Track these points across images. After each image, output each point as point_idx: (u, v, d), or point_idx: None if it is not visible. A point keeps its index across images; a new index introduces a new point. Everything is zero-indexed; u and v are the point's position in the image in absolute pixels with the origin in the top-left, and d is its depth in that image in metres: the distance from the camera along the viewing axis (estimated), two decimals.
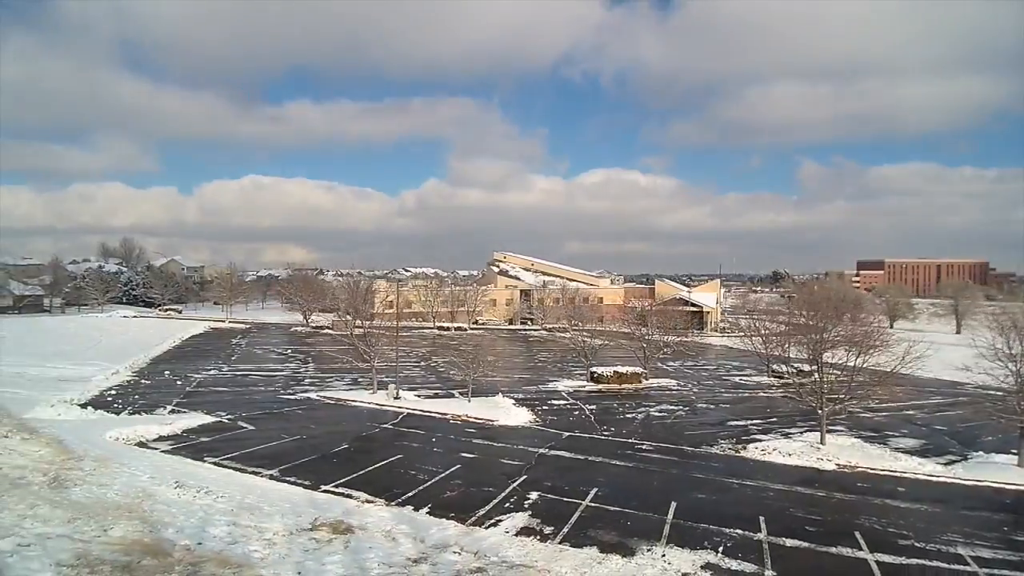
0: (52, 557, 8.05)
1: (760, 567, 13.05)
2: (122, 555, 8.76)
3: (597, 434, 24.84)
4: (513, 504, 16.36)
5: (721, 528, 15.05)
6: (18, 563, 7.57)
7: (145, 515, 11.48)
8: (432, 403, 29.88)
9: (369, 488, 17.19)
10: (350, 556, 10.85)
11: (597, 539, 13.98)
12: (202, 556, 9.51)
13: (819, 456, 21.63)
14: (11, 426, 20.27)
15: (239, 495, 15.43)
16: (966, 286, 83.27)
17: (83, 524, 10.16)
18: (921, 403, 32.75)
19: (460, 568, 10.95)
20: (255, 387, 34.23)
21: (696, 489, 18.24)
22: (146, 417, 25.46)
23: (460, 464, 20.01)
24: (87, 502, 12.34)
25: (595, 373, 36.56)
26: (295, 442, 22.51)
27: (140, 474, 16.77)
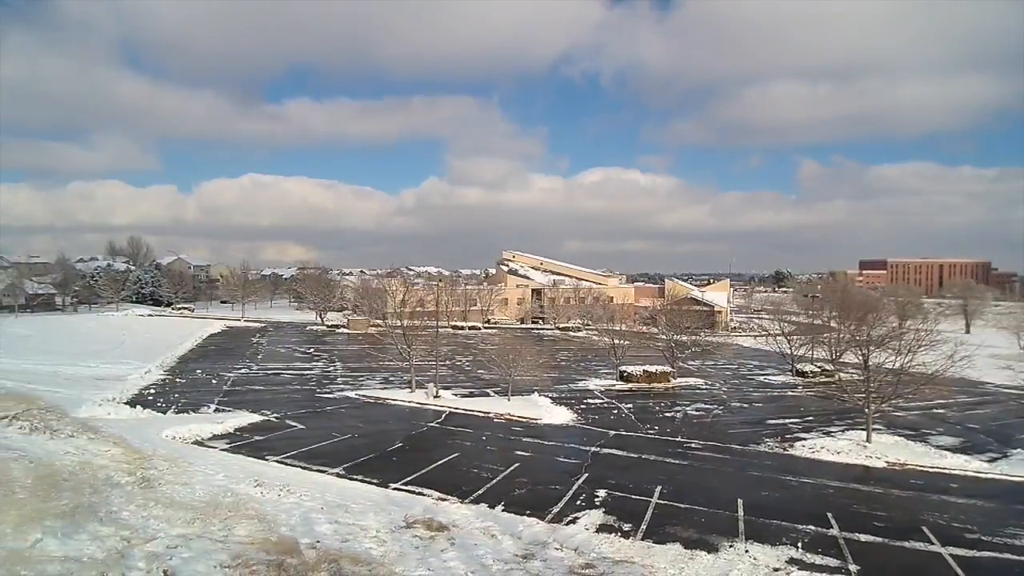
0: (210, 558, 8.28)
1: (842, 562, 13.38)
2: (264, 554, 9.01)
3: (642, 432, 25.16)
4: (584, 502, 16.66)
5: (793, 524, 15.37)
6: (184, 565, 7.79)
7: (255, 514, 11.72)
8: (471, 402, 30.14)
9: (438, 486, 17.43)
10: (463, 552, 11.13)
11: (677, 536, 14.27)
12: (331, 554, 9.76)
13: (867, 454, 21.99)
14: (74, 425, 20.54)
15: (318, 493, 15.67)
16: (973, 286, 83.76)
17: (206, 524, 10.39)
18: (948, 402, 33.14)
19: (570, 564, 11.24)
20: (290, 385, 34.43)
21: (757, 487, 18.56)
22: (195, 416, 25.63)
23: (518, 462, 20.28)
24: (188, 501, 12.58)
25: (624, 372, 36.87)
26: (348, 441, 22.76)
27: (213, 473, 16.98)
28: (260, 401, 29.37)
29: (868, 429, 23.29)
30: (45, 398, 24.66)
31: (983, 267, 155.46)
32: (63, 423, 20.53)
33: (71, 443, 17.83)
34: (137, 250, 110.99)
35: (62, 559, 6.96)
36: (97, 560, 7.11)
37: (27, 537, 7.49)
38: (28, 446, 15.94)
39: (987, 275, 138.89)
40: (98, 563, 6.98)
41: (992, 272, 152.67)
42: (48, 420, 20.19)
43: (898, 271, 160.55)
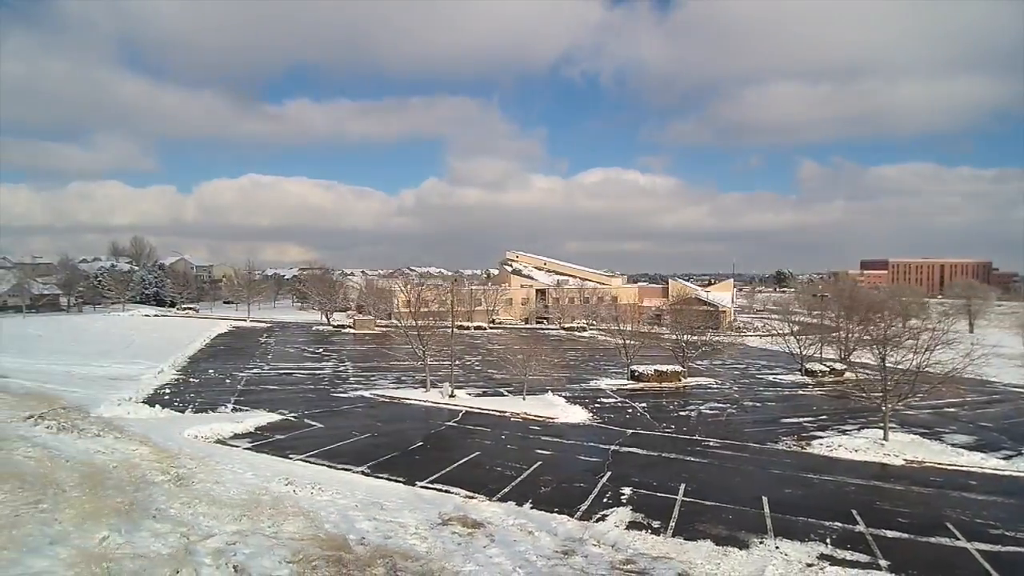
0: (272, 554, 8.41)
1: (872, 558, 13.54)
2: (319, 549, 9.15)
3: (659, 431, 25.31)
4: (610, 499, 16.80)
5: (820, 521, 15.53)
6: (249, 561, 7.89)
7: (298, 511, 11.85)
8: (486, 401, 30.28)
9: (464, 484, 17.55)
10: (505, 548, 11.27)
11: (707, 533, 14.42)
12: (381, 550, 9.89)
13: (885, 452, 22.16)
14: (99, 425, 20.66)
15: (348, 491, 15.79)
16: (976, 286, 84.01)
17: (255, 521, 10.51)
18: (959, 401, 33.27)
19: (611, 560, 11.39)
20: (304, 385, 34.55)
21: (780, 484, 18.71)
22: (214, 415, 25.75)
23: (540, 461, 20.41)
24: (228, 499, 12.70)
25: (636, 372, 37.03)
26: (368, 440, 22.89)
27: (241, 472, 17.09)
28: (276, 401, 29.48)
29: (885, 427, 23.47)
30: (65, 398, 24.79)
31: (984, 267, 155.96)
32: (87, 422, 20.66)
33: (99, 442, 17.94)
34: (140, 250, 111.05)
35: (132, 556, 7.07)
36: (165, 556, 7.23)
37: (93, 535, 7.61)
38: (60, 445, 16.06)
39: (988, 275, 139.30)
40: (168, 559, 7.10)
41: (993, 272, 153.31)
42: (73, 419, 20.32)
43: (899, 271, 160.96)
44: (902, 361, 23.51)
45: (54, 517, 7.91)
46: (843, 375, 40.52)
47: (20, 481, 9.38)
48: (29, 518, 7.55)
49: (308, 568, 7.90)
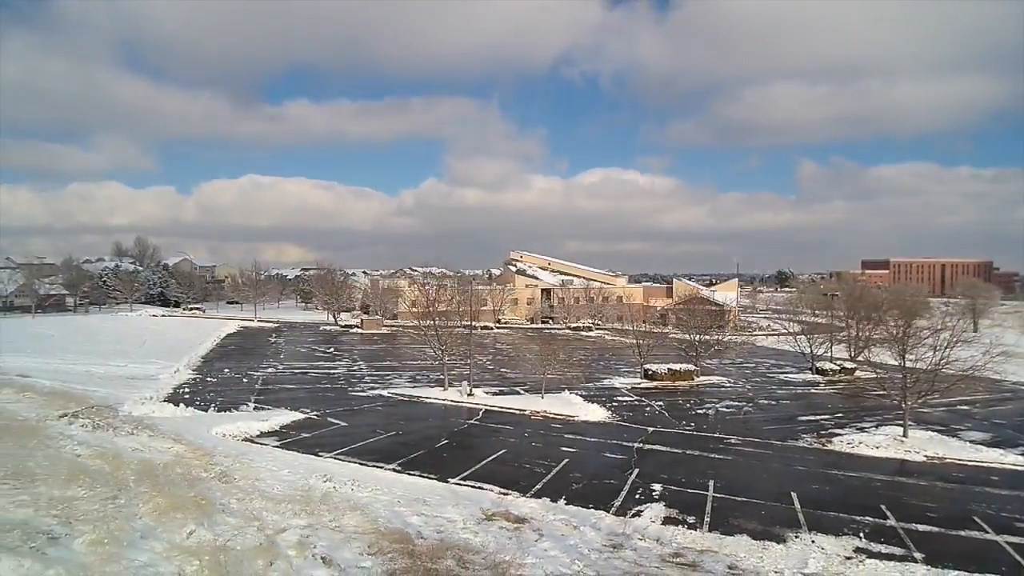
0: (348, 546, 8.62)
1: (907, 551, 13.80)
2: (387, 542, 9.36)
3: (679, 429, 25.55)
4: (642, 495, 17.03)
5: (851, 516, 15.78)
6: (333, 553, 8.09)
7: (351, 506, 12.06)
8: (504, 399, 30.49)
9: (496, 481, 17.73)
10: (556, 542, 11.49)
11: (743, 527, 14.63)
12: (445, 543, 10.12)
13: (906, 449, 22.43)
14: (131, 423, 20.88)
15: (386, 487, 15.98)
16: (980, 285, 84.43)
17: (316, 516, 10.72)
18: (971, 398, 33.56)
19: (660, 553, 11.63)
20: (320, 384, 34.75)
21: (806, 480, 18.96)
22: (237, 414, 25.93)
23: (567, 458, 20.62)
24: (280, 495, 12.91)
25: (649, 370, 37.28)
26: (394, 438, 23.08)
27: (277, 469, 17.29)
28: (296, 399, 29.68)
29: (905, 424, 23.74)
30: (91, 397, 24.98)
31: (985, 267, 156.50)
32: (119, 421, 20.89)
33: (135, 440, 18.16)
34: (144, 251, 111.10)
35: (223, 548, 7.27)
36: (253, 549, 7.43)
37: (180, 529, 7.81)
38: (100, 443, 16.27)
39: (989, 274, 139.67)
40: (257, 551, 7.29)
41: (994, 272, 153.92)
42: (105, 418, 20.56)
43: (900, 271, 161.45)
44: (921, 359, 23.72)
45: (134, 512, 8.11)
46: (853, 374, 40.88)
47: (90, 478, 9.59)
48: (115, 513, 7.75)
49: (386, 559, 8.11)
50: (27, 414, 17.58)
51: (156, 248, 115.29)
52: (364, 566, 7.75)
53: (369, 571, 7.61)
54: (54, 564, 5.66)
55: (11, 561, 5.46)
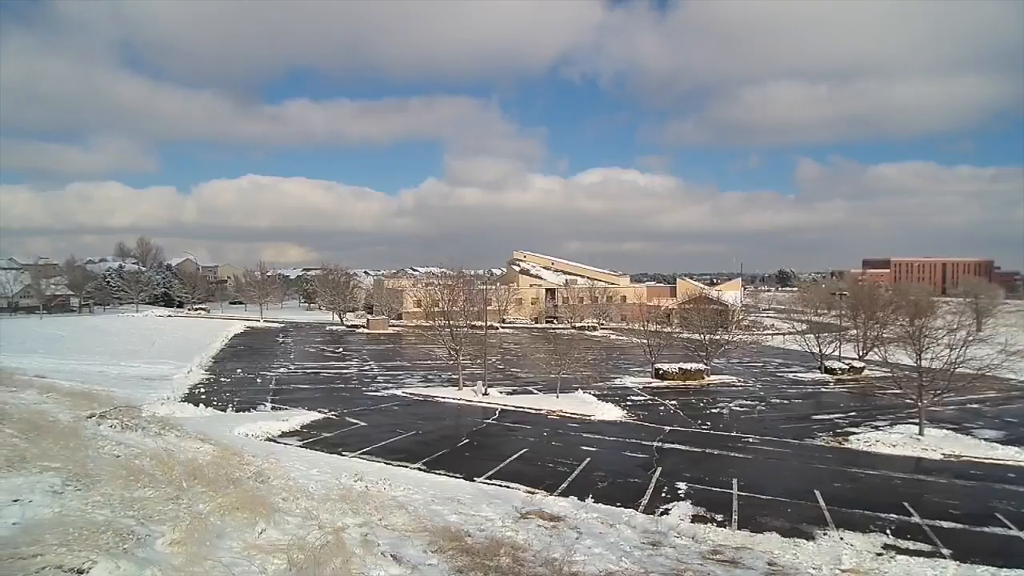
0: (410, 543, 8.77)
1: (934, 547, 14.03)
2: (442, 540, 9.52)
3: (695, 428, 25.74)
4: (668, 494, 17.24)
5: (875, 513, 15.99)
6: (399, 551, 8.19)
7: (395, 505, 12.21)
8: (519, 399, 30.67)
9: (522, 480, 17.94)
10: (597, 540, 11.65)
11: (770, 525, 14.83)
12: (492, 541, 10.27)
13: (922, 447, 22.64)
14: (157, 423, 20.96)
15: (415, 486, 16.13)
16: (983, 284, 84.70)
17: (365, 515, 10.83)
18: (980, 397, 33.78)
19: (699, 551, 11.79)
20: (334, 384, 34.92)
21: (828, 478, 19.16)
22: (257, 414, 26.14)
23: (589, 457, 20.81)
24: (321, 494, 13.06)
25: (660, 370, 37.47)
26: (414, 437, 23.27)
27: (306, 468, 17.45)
28: (312, 399, 29.86)
29: (921, 423, 23.95)
30: (112, 397, 25.08)
31: (986, 266, 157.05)
32: (145, 421, 20.95)
33: (165, 440, 18.25)
34: (146, 251, 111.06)
35: (296, 546, 7.37)
36: (322, 546, 7.56)
37: (250, 528, 7.94)
38: (134, 443, 16.39)
39: (990, 274, 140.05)
40: (328, 549, 7.41)
41: (995, 271, 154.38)
42: (132, 418, 20.62)
43: (902, 270, 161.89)
44: (938, 358, 23.92)
45: (199, 511, 8.23)
46: (862, 373, 41.09)
47: (148, 478, 9.71)
48: (184, 512, 7.86)
49: (448, 557, 8.27)
50: (57, 415, 17.65)
51: (159, 249, 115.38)
52: (432, 563, 7.89)
53: (437, 568, 7.76)
54: (148, 565, 5.79)
55: (108, 563, 5.61)
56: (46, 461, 9.57)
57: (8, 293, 76.40)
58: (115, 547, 5.89)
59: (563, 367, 31.71)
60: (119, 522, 6.79)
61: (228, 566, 6.37)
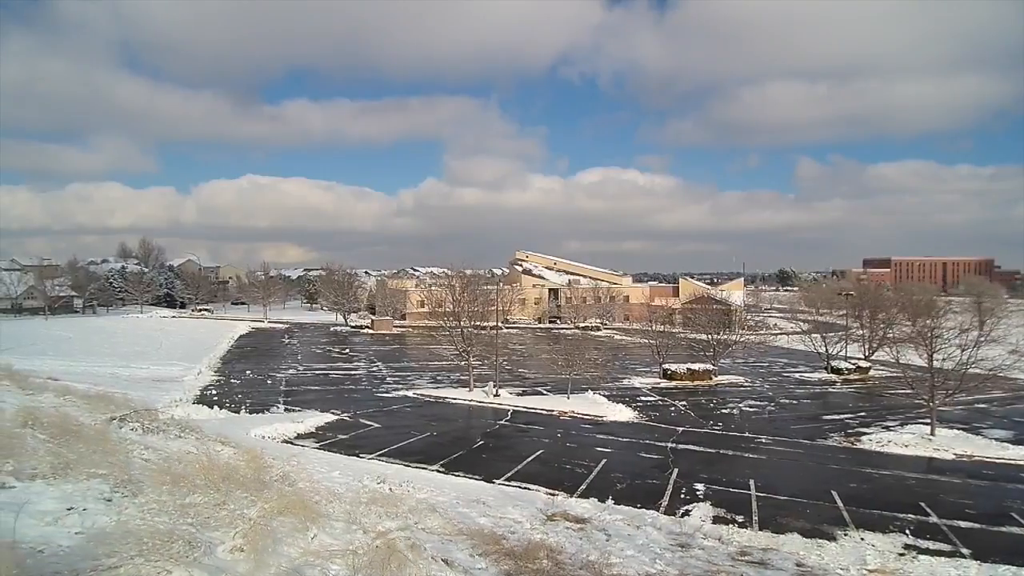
0: (455, 546, 8.91)
1: (954, 546, 14.19)
2: (485, 544, 9.65)
3: (707, 429, 25.89)
4: (687, 495, 17.38)
5: (894, 514, 16.14)
6: (448, 555, 8.35)
7: (426, 508, 12.34)
8: (530, 400, 30.80)
9: (540, 482, 18.07)
10: (627, 542, 11.80)
11: (792, 526, 14.95)
12: (529, 543, 10.40)
13: (934, 447, 22.82)
14: (176, 426, 21.08)
15: (437, 488, 16.27)
16: (986, 283, 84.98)
17: (401, 518, 10.96)
18: (987, 397, 33.94)
19: (727, 551, 11.96)
20: (344, 385, 35.04)
21: (843, 479, 19.31)
22: (271, 416, 26.25)
23: (604, 458, 20.94)
24: (350, 496, 13.19)
25: (668, 370, 37.63)
26: (429, 438, 23.40)
27: (327, 471, 17.56)
28: (324, 401, 29.97)
29: (933, 423, 24.13)
30: (128, 400, 25.18)
31: (986, 265, 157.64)
32: (164, 424, 21.08)
33: (186, 443, 18.37)
34: (148, 252, 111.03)
35: (350, 552, 7.50)
36: (374, 551, 7.70)
37: (303, 533, 8.07)
38: (160, 446, 16.51)
39: (990, 273, 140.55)
40: (380, 552, 7.54)
41: (995, 270, 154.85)
42: (152, 421, 20.75)
43: (902, 269, 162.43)
44: (949, 358, 24.09)
45: (247, 516, 8.36)
46: (868, 372, 41.29)
47: (190, 483, 9.81)
48: (236, 517, 7.99)
49: (493, 561, 8.41)
50: (80, 418, 17.75)
51: (161, 249, 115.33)
52: (481, 567, 8.03)
53: (487, 572, 7.90)
54: (219, 573, 5.95)
55: (182, 572, 5.74)
56: (91, 467, 9.69)
57: (12, 294, 76.36)
58: (185, 556, 6.02)
59: (574, 368, 31.81)
60: (180, 529, 6.91)
61: (292, 572, 6.50)
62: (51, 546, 5.96)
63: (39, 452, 10.72)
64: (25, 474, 9.15)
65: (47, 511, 7.70)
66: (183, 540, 6.46)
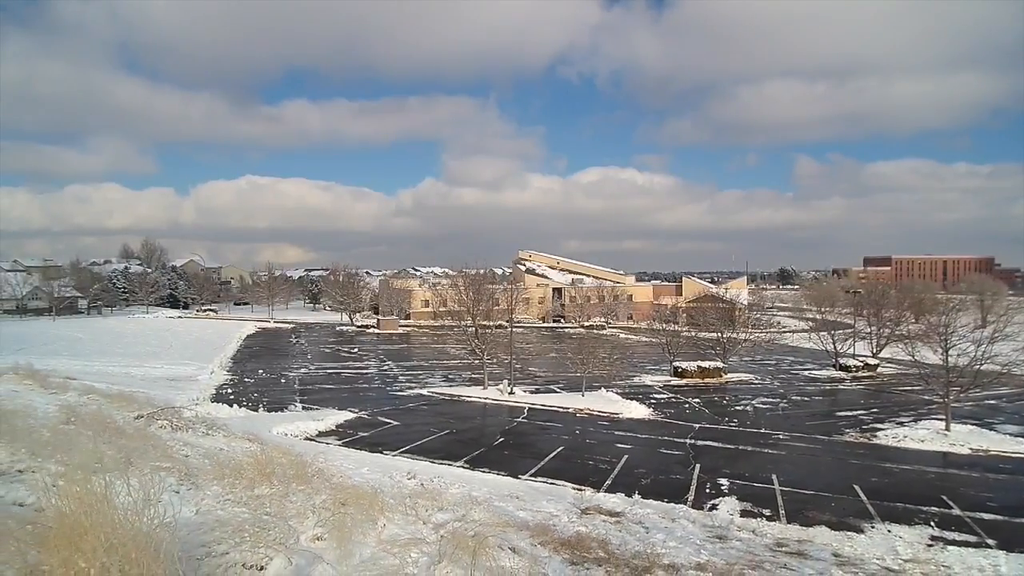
0: (516, 536, 9.13)
1: (979, 538, 14.41)
2: (537, 535, 9.87)
3: (723, 425, 26.13)
4: (712, 490, 17.61)
5: (917, 507, 16.37)
6: (508, 541, 8.59)
7: (469, 502, 12.55)
8: (545, 398, 31.02)
9: (566, 477, 18.28)
10: (667, 534, 11.99)
11: (818, 519, 15.17)
12: (576, 534, 10.64)
13: (950, 442, 23.08)
14: (203, 424, 21.27)
15: (467, 483, 16.49)
16: (988, 281, 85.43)
17: (451, 511, 11.17)
18: (997, 393, 34.19)
19: (764, 543, 12.19)
20: (358, 384, 35.25)
21: (864, 473, 19.54)
22: (290, 414, 26.47)
23: (625, 454, 21.16)
24: (389, 490, 13.41)
25: (679, 368, 37.90)
26: (449, 436, 23.62)
27: (355, 467, 17.73)
28: (339, 399, 30.17)
29: (948, 418, 24.39)
30: (149, 399, 25.37)
31: (986, 263, 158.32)
32: (191, 421, 21.28)
33: (216, 440, 18.59)
34: (151, 253, 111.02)
35: (420, 541, 7.73)
36: (441, 542, 7.91)
37: (372, 524, 8.28)
38: (194, 442, 16.72)
39: (990, 271, 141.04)
40: (448, 541, 7.77)
41: (996, 267, 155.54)
42: (178, 419, 20.94)
43: (903, 267, 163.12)
44: (964, 354, 24.37)
45: (313, 506, 8.57)
46: (876, 370, 41.60)
47: (248, 477, 10.01)
48: (306, 508, 8.21)
49: (552, 549, 8.65)
50: (113, 416, 17.95)
51: (163, 250, 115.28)
52: (545, 555, 8.25)
53: (551, 559, 8.13)
54: (316, 561, 6.16)
55: (282, 559, 5.94)
56: (153, 461, 9.91)
57: (17, 295, 76.35)
58: (280, 543, 6.24)
59: (588, 366, 32.05)
60: (262, 519, 7.12)
61: (375, 560, 6.72)
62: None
63: (92, 447, 10.95)
64: (90, 468, 9.39)
65: (127, 504, 7.94)
66: (273, 529, 6.68)
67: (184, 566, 4.72)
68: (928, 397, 28.68)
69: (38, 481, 7.24)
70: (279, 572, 5.69)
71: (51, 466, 8.45)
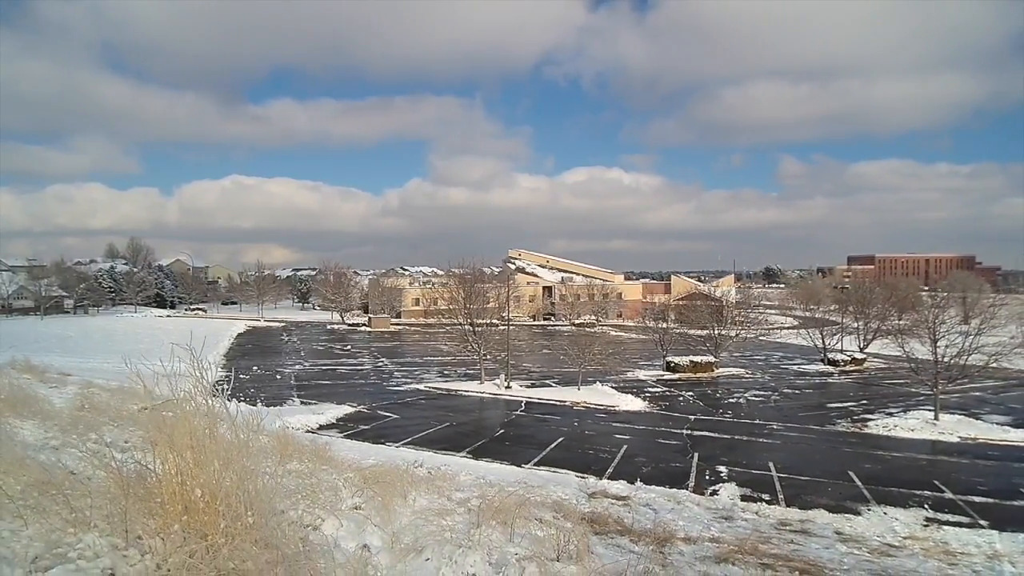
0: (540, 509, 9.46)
1: (972, 519, 14.97)
2: (555, 509, 10.18)
3: (718, 417, 26.62)
4: (711, 477, 18.03)
5: (911, 491, 16.93)
6: (534, 513, 8.90)
7: (486, 483, 12.85)
8: (541, 392, 31.38)
9: (568, 466, 18.57)
10: (675, 515, 12.35)
11: (816, 503, 15.62)
12: (592, 512, 10.97)
13: (939, 431, 23.74)
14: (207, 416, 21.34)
15: (473, 471, 16.74)
16: (971, 279, 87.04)
17: (470, 491, 11.48)
18: (982, 385, 34.99)
19: (769, 523, 12.60)
20: (354, 379, 35.34)
21: (858, 460, 20.09)
22: (290, 408, 26.59)
23: (625, 445, 21.54)
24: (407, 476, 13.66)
25: (671, 363, 38.40)
26: (449, 428, 23.85)
27: (361, 456, 17.75)
28: (337, 394, 30.26)
29: (937, 408, 25.07)
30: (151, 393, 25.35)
31: (967, 261, 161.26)
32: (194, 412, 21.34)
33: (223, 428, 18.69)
34: (136, 252, 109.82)
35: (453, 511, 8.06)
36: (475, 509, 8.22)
37: (403, 498, 8.51)
38: None
39: (971, 268, 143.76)
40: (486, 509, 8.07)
41: (977, 266, 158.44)
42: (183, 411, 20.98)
43: (886, 266, 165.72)
44: (952, 345, 25.05)
45: (348, 481, 8.83)
46: (863, 364, 42.45)
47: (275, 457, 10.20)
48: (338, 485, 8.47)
49: (575, 521, 8.97)
50: (122, 406, 18.00)
51: (149, 250, 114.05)
52: (568, 525, 8.52)
53: (574, 527, 8.44)
54: (365, 522, 6.44)
55: (333, 520, 6.17)
56: None
57: (3, 294, 75.33)
58: (330, 506, 6.51)
59: (585, 362, 32.44)
60: (305, 489, 7.37)
61: (414, 525, 7.00)
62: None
63: (118, 430, 11.13)
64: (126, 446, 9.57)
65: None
66: (321, 494, 6.95)
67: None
68: (916, 389, 29.37)
69: (82, 455, 7.44)
70: (335, 530, 5.96)
71: (89, 444, 8.61)
